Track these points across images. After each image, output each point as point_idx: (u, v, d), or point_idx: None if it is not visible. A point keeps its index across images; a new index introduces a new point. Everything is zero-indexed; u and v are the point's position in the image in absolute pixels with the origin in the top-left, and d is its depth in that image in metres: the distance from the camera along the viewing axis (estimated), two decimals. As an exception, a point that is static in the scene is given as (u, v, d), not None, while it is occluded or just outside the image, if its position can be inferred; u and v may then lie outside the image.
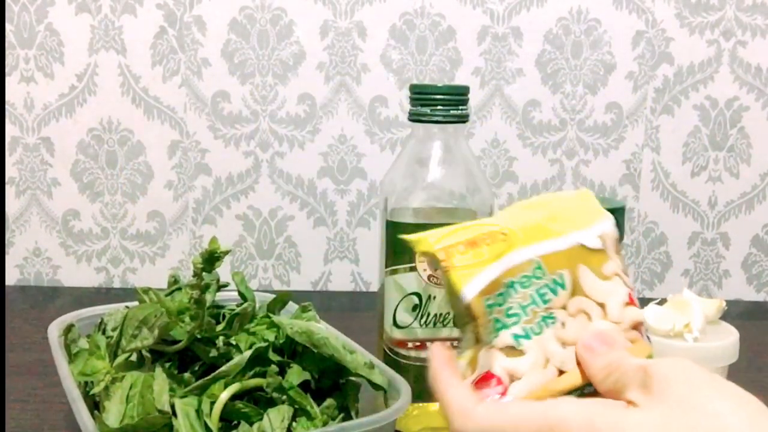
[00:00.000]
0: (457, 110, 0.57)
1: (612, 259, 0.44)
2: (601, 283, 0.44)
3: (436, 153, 0.58)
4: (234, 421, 0.48)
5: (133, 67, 0.97)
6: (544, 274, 0.43)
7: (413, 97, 0.58)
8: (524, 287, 0.42)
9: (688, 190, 1.02)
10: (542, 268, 0.43)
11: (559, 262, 0.43)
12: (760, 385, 0.74)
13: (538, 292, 0.42)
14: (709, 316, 0.56)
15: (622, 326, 0.43)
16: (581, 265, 0.43)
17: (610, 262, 0.44)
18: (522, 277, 0.42)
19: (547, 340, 0.42)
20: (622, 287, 0.44)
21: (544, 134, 1.00)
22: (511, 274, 0.42)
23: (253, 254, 1.02)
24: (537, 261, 0.43)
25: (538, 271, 0.43)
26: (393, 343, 0.57)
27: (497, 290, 0.42)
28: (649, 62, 0.99)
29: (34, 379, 0.70)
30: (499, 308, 0.42)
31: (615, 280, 0.44)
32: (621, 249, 0.46)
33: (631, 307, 0.43)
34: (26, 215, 1.00)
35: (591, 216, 0.45)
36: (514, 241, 0.43)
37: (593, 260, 0.44)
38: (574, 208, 0.46)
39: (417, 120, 0.58)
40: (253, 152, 0.99)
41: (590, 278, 0.43)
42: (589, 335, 0.41)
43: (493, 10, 0.98)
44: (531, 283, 0.42)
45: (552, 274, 0.43)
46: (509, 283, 0.42)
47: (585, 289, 0.43)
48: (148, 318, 0.49)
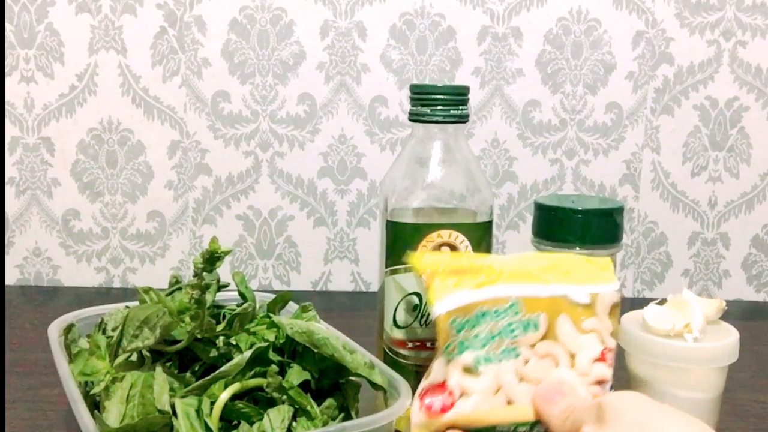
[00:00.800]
0: (458, 110, 0.57)
1: (598, 318, 0.48)
2: (578, 335, 0.47)
3: (436, 153, 0.58)
4: (234, 421, 0.48)
5: (133, 67, 0.97)
6: (518, 312, 0.47)
7: (413, 97, 0.58)
8: (496, 318, 0.46)
9: (688, 190, 1.02)
10: (517, 306, 0.47)
11: (538, 305, 0.47)
12: (760, 385, 0.74)
13: (508, 326, 0.46)
14: (709, 316, 0.56)
15: (587, 379, 0.47)
16: (563, 314, 0.47)
17: (593, 319, 0.48)
18: (496, 310, 0.47)
19: (505, 370, 0.46)
20: (597, 344, 0.47)
21: (544, 134, 1.00)
22: (488, 305, 0.47)
23: (253, 254, 1.02)
24: (514, 299, 0.47)
25: (513, 308, 0.47)
26: (393, 343, 0.57)
27: (469, 314, 0.46)
28: (649, 62, 0.99)
29: (34, 379, 0.70)
30: (469, 331, 0.46)
31: (592, 335, 0.48)
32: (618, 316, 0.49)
33: (600, 363, 0.47)
34: (26, 215, 1.00)
35: (593, 277, 0.49)
36: (497, 278, 0.47)
37: (576, 313, 0.48)
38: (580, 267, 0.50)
39: (417, 120, 0.58)
40: (253, 152, 0.99)
41: (568, 328, 0.47)
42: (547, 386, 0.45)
43: (493, 10, 0.98)
44: (504, 316, 0.47)
45: (527, 314, 0.47)
46: (484, 311, 0.46)
47: (560, 337, 0.47)
48: (149, 318, 0.49)
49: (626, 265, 1.04)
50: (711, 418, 0.56)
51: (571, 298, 0.48)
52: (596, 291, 0.48)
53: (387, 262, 0.57)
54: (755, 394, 0.72)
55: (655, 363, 0.55)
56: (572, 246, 0.57)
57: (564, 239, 0.57)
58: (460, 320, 0.46)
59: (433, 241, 0.55)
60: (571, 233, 0.57)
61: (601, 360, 0.47)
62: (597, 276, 0.50)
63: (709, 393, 0.56)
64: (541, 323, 0.47)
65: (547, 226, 0.58)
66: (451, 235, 0.56)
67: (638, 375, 0.57)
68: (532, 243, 0.60)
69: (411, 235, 0.56)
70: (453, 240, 0.56)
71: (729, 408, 0.65)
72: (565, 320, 0.48)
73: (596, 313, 0.48)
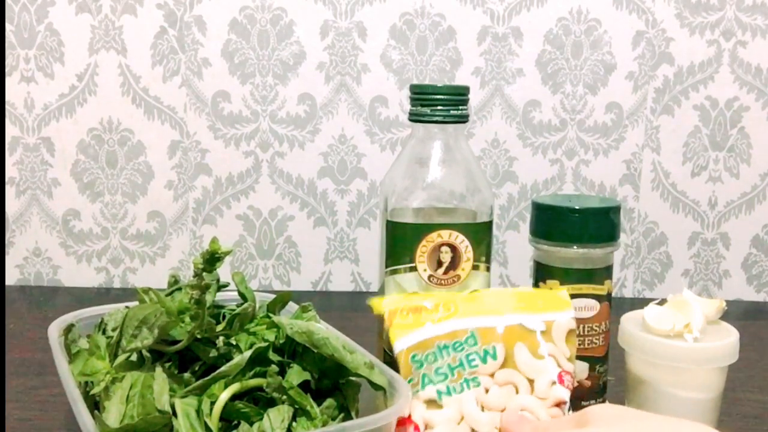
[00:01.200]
0: (457, 110, 0.57)
1: (554, 344, 0.51)
2: (535, 361, 0.50)
3: (436, 153, 0.58)
4: (234, 421, 0.48)
5: (134, 67, 0.97)
6: (476, 344, 0.50)
7: (413, 97, 0.58)
8: (455, 351, 0.49)
9: (688, 190, 1.02)
10: (475, 338, 0.50)
11: (494, 336, 0.50)
12: (760, 385, 0.74)
13: (467, 358, 0.49)
14: (709, 316, 0.56)
15: (546, 402, 0.49)
16: (519, 342, 0.50)
17: (549, 345, 0.51)
18: (455, 343, 0.50)
19: (467, 400, 0.48)
20: (554, 367, 0.50)
21: (544, 134, 1.00)
22: (446, 339, 0.50)
23: (253, 254, 1.02)
24: (471, 331, 0.50)
25: (470, 339, 0.50)
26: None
27: (428, 349, 0.49)
28: (649, 62, 0.99)
29: (34, 379, 0.70)
30: (429, 365, 0.49)
31: (548, 359, 0.50)
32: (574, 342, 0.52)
33: (558, 386, 0.50)
34: (26, 215, 1.00)
35: (548, 305, 0.52)
36: (453, 313, 0.50)
37: (532, 340, 0.50)
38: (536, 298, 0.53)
39: (417, 120, 0.58)
40: (253, 152, 0.99)
41: (524, 355, 0.50)
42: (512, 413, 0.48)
43: (493, 11, 0.98)
44: (462, 349, 0.49)
45: (484, 344, 0.50)
46: (442, 345, 0.49)
47: (518, 364, 0.50)
48: (149, 318, 0.49)
49: (626, 265, 1.04)
50: (711, 418, 0.56)
51: (525, 326, 0.51)
52: (551, 318, 0.51)
53: (387, 262, 0.57)
54: (755, 394, 0.72)
55: (655, 363, 0.55)
56: (570, 245, 0.57)
57: (562, 238, 0.57)
58: (420, 355, 0.49)
59: (433, 241, 0.55)
60: (569, 232, 0.57)
61: (558, 382, 0.50)
62: (552, 304, 0.52)
63: (709, 393, 0.56)
64: (498, 352, 0.50)
65: (545, 225, 0.58)
66: (451, 235, 0.56)
67: (638, 375, 0.57)
68: (530, 242, 0.60)
69: (411, 235, 0.56)
70: (453, 240, 0.56)
71: (729, 408, 0.65)
72: (522, 348, 0.50)
73: (552, 339, 0.51)
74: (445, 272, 0.56)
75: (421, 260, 0.55)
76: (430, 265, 0.56)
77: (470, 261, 0.56)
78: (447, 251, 0.56)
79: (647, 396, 0.56)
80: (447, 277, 0.56)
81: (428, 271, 0.56)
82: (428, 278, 0.56)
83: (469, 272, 0.56)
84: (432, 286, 0.56)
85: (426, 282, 0.56)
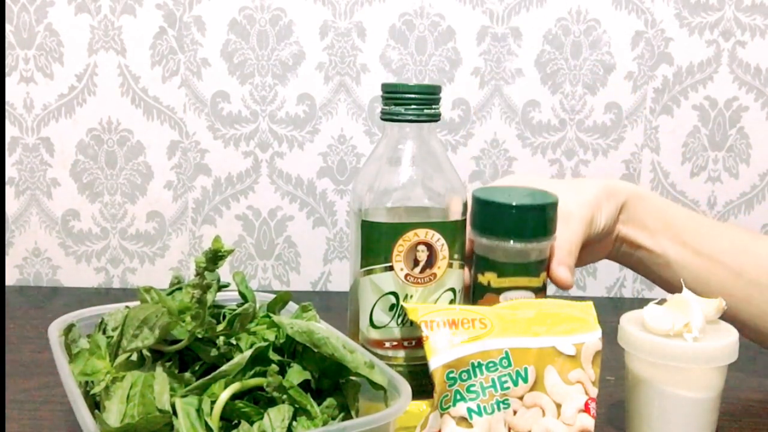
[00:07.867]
0: (430, 109, 0.57)
1: (583, 369, 0.51)
2: (563, 386, 0.51)
3: (410, 152, 0.57)
4: (234, 421, 0.48)
5: (133, 68, 0.97)
6: (510, 365, 0.50)
7: (386, 96, 0.57)
8: (489, 371, 0.49)
9: (687, 190, 1.02)
10: (509, 359, 0.50)
11: (527, 357, 0.50)
12: (759, 385, 0.74)
13: (499, 379, 0.50)
14: (708, 316, 0.56)
15: (571, 429, 0.50)
16: (550, 365, 0.51)
17: (578, 371, 0.51)
18: (489, 362, 0.50)
19: (497, 421, 0.49)
20: (581, 395, 0.51)
21: (543, 134, 1.00)
22: (480, 357, 0.49)
23: (252, 254, 1.02)
24: (506, 351, 0.50)
25: (504, 360, 0.50)
26: (370, 343, 0.57)
27: (463, 367, 0.49)
28: (649, 62, 0.99)
29: (34, 379, 0.70)
30: (463, 383, 0.49)
31: (577, 386, 0.51)
32: (599, 362, 0.53)
33: (584, 414, 0.50)
34: (26, 215, 1.00)
35: (578, 326, 0.52)
36: (490, 331, 0.50)
37: (562, 364, 0.51)
38: (567, 315, 0.53)
39: (390, 119, 0.57)
40: (252, 152, 0.99)
41: (554, 379, 0.51)
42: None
43: (493, 11, 0.98)
44: (496, 369, 0.50)
45: (517, 366, 0.50)
46: (477, 364, 0.49)
47: (547, 388, 0.50)
48: (149, 318, 0.49)
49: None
50: (711, 417, 0.56)
51: (558, 349, 0.51)
52: (581, 341, 0.52)
53: (362, 262, 0.57)
54: (755, 394, 0.72)
55: (655, 363, 0.55)
56: (507, 239, 0.57)
57: (500, 233, 0.57)
58: (454, 373, 0.49)
59: (410, 240, 0.55)
60: (507, 227, 0.57)
61: (585, 411, 0.50)
62: (580, 324, 0.53)
63: (708, 393, 0.56)
64: (530, 375, 0.50)
65: (484, 219, 0.58)
66: (428, 234, 0.56)
67: (638, 375, 0.57)
68: (470, 235, 0.59)
69: (388, 234, 0.55)
70: (429, 239, 0.56)
71: (729, 408, 0.65)
72: (552, 372, 0.51)
73: (581, 364, 0.51)
74: (421, 271, 0.56)
75: (398, 259, 0.55)
76: (407, 264, 0.55)
77: (446, 259, 0.56)
78: (423, 250, 0.56)
79: (647, 395, 0.56)
80: (423, 276, 0.56)
81: (405, 270, 0.56)
82: (405, 277, 0.56)
83: (445, 270, 0.56)
84: (408, 285, 0.56)
85: (403, 281, 0.56)
